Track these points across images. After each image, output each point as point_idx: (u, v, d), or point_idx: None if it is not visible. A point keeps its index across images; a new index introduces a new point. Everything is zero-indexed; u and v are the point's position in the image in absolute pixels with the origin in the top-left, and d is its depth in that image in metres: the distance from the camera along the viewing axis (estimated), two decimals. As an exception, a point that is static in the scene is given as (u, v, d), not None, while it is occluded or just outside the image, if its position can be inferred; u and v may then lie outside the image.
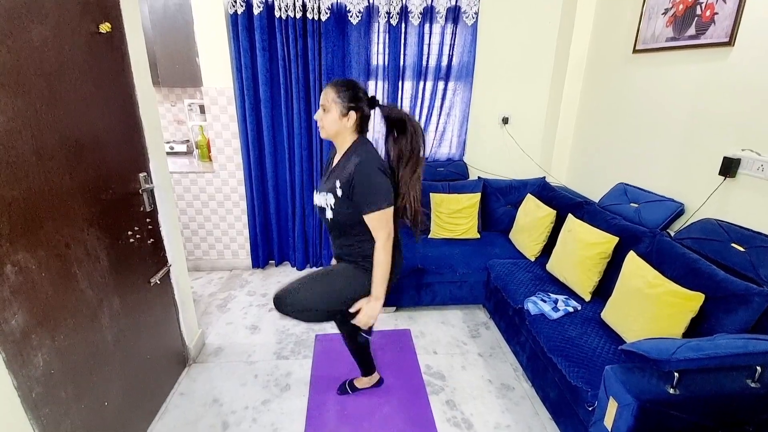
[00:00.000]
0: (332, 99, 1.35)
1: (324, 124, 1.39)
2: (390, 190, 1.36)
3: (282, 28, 2.50)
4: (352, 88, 1.37)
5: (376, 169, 1.33)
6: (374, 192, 1.32)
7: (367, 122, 1.43)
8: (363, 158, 1.34)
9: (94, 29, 1.30)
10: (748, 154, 1.63)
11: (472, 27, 2.65)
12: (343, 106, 1.35)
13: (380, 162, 1.38)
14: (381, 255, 1.38)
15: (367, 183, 1.32)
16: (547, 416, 1.75)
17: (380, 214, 1.33)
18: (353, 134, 1.42)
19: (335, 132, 1.40)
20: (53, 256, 1.13)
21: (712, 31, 1.77)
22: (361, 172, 1.32)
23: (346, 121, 1.37)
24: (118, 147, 1.43)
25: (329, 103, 1.36)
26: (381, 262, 1.39)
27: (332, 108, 1.36)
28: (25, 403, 1.05)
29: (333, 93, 1.35)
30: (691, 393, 1.15)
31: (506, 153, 3.03)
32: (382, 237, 1.36)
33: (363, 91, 1.39)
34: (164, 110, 3.13)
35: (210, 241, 3.01)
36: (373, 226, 1.36)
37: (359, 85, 1.39)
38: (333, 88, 1.36)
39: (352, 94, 1.36)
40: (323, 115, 1.38)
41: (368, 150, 1.39)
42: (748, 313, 1.35)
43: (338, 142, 1.44)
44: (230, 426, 1.69)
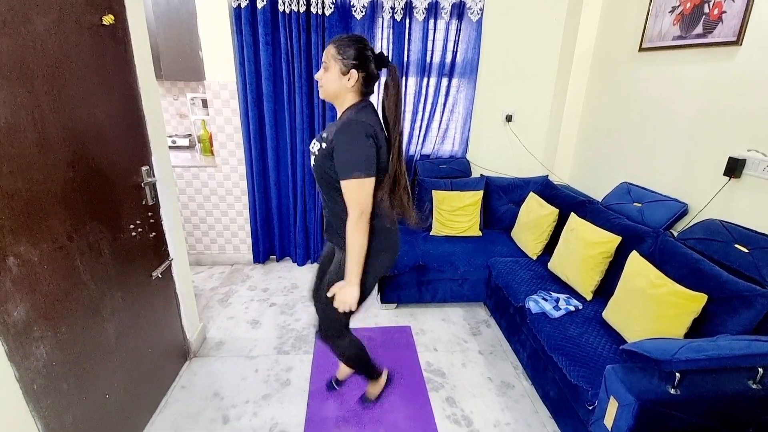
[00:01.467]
0: (332, 55, 1.22)
1: (323, 83, 1.27)
2: (372, 160, 1.19)
3: (285, 23, 2.48)
4: (355, 43, 1.22)
5: (362, 133, 1.18)
6: (352, 155, 1.18)
7: (372, 83, 1.29)
8: (353, 118, 1.21)
9: (98, 21, 1.29)
10: (754, 155, 1.61)
11: (477, 23, 2.63)
12: (343, 64, 1.22)
13: (372, 127, 1.21)
14: (352, 235, 1.23)
15: (346, 144, 1.18)
16: (546, 415, 1.75)
17: (355, 183, 1.18)
18: (355, 96, 1.28)
19: (335, 92, 1.26)
20: (55, 249, 1.13)
21: (719, 30, 1.75)
22: (344, 131, 1.18)
23: (346, 81, 1.23)
24: (120, 140, 1.43)
25: (329, 60, 1.23)
26: (351, 243, 1.24)
27: (332, 65, 1.23)
28: (27, 395, 1.05)
29: (334, 49, 1.22)
30: (693, 394, 1.15)
31: (509, 151, 3.02)
32: (353, 213, 1.21)
33: (369, 47, 1.25)
34: (167, 104, 3.13)
35: (212, 235, 3.01)
36: (346, 197, 1.22)
37: (365, 41, 1.24)
38: (334, 43, 1.23)
39: (355, 51, 1.21)
40: (323, 74, 1.26)
41: (366, 113, 1.25)
42: (750, 315, 1.34)
43: (338, 105, 1.31)
44: (230, 420, 1.70)
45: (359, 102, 1.29)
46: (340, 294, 1.31)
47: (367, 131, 1.19)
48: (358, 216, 1.22)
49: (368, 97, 1.32)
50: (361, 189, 1.20)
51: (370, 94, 1.32)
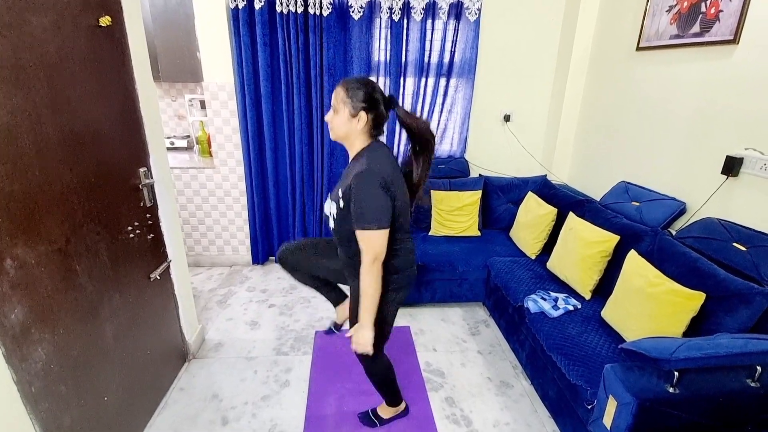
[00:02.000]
0: (341, 99, 1.25)
1: (333, 126, 1.30)
2: (385, 211, 1.21)
3: (283, 23, 2.48)
4: (364, 86, 1.25)
5: (375, 184, 1.19)
6: (365, 208, 1.20)
7: (382, 124, 1.31)
8: (366, 168, 1.21)
9: (95, 23, 1.29)
10: (752, 153, 1.62)
11: (475, 23, 2.63)
12: (352, 107, 1.25)
13: (385, 174, 1.22)
14: (365, 279, 1.24)
15: (360, 197, 1.20)
16: (546, 414, 1.75)
17: (369, 233, 1.21)
18: (364, 137, 1.30)
19: (345, 134, 1.29)
20: (53, 251, 1.12)
21: (716, 29, 1.76)
22: (358, 184, 1.20)
23: (356, 123, 1.26)
24: (118, 142, 1.43)
25: (338, 103, 1.26)
26: (365, 288, 1.25)
27: (341, 108, 1.26)
28: (25, 397, 1.05)
29: (342, 92, 1.25)
30: (691, 392, 1.15)
31: (508, 150, 3.02)
32: (366, 259, 1.23)
33: (378, 90, 1.27)
34: (165, 105, 3.12)
35: (210, 236, 3.01)
36: (361, 244, 1.24)
37: (373, 84, 1.27)
38: (343, 86, 1.26)
39: (364, 94, 1.24)
40: (333, 116, 1.29)
41: (377, 158, 1.26)
42: (748, 313, 1.34)
43: (348, 146, 1.34)
44: (230, 421, 1.70)
45: (370, 144, 1.31)
46: (356, 337, 1.32)
47: (380, 182, 1.20)
48: (371, 262, 1.23)
49: (379, 138, 1.35)
50: (375, 238, 1.22)
51: (380, 135, 1.34)
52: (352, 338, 1.34)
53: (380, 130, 1.33)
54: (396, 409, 1.71)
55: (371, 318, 1.28)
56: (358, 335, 1.31)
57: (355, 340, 1.32)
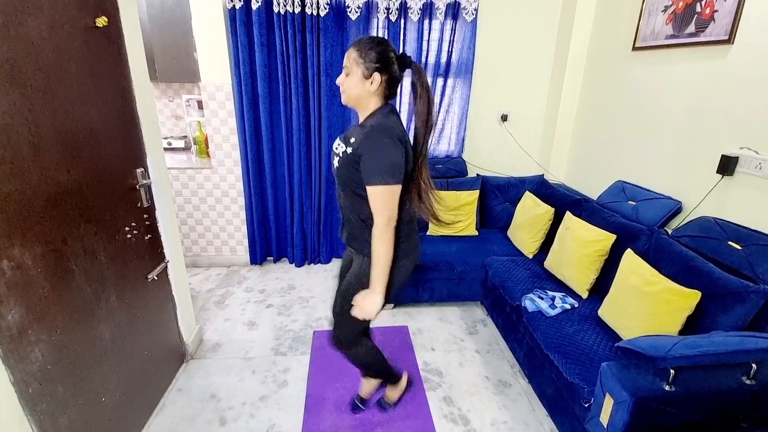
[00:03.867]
0: (354, 59, 1.19)
1: (345, 88, 1.24)
2: (401, 166, 1.17)
3: (280, 24, 2.48)
4: (377, 45, 1.19)
5: (391, 137, 1.15)
6: (380, 161, 1.14)
7: (395, 86, 1.26)
8: (380, 123, 1.18)
9: (91, 23, 1.29)
10: (747, 152, 1.63)
11: (472, 23, 2.64)
12: (365, 67, 1.19)
13: (400, 132, 1.19)
14: (379, 243, 1.19)
15: (374, 149, 1.15)
16: (543, 413, 1.76)
17: (382, 189, 1.15)
18: (377, 100, 1.24)
19: (357, 96, 1.23)
20: (50, 252, 1.12)
21: (711, 29, 1.77)
22: (372, 136, 1.15)
23: (369, 85, 1.20)
24: (115, 142, 1.43)
25: (351, 64, 1.20)
26: (378, 251, 1.20)
27: (354, 69, 1.20)
28: (22, 398, 1.05)
29: (355, 53, 1.19)
30: (687, 390, 1.16)
31: (505, 150, 3.03)
32: (381, 220, 1.17)
33: (392, 48, 1.21)
34: (162, 105, 3.12)
35: (208, 237, 3.00)
36: (373, 204, 1.18)
37: (387, 42, 1.21)
38: (355, 46, 1.20)
39: (377, 54, 1.18)
40: (344, 78, 1.23)
41: (393, 119, 1.22)
42: (744, 311, 1.35)
43: (360, 109, 1.28)
44: (228, 422, 1.70)
45: (383, 107, 1.26)
46: (364, 302, 1.26)
47: (397, 136, 1.17)
48: (385, 223, 1.18)
49: (391, 101, 1.30)
50: (389, 196, 1.17)
51: (393, 97, 1.29)
52: (357, 302, 1.27)
53: (394, 92, 1.27)
54: (399, 385, 1.71)
55: (384, 282, 1.23)
56: (367, 300, 1.25)
57: (363, 306, 1.25)
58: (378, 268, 1.23)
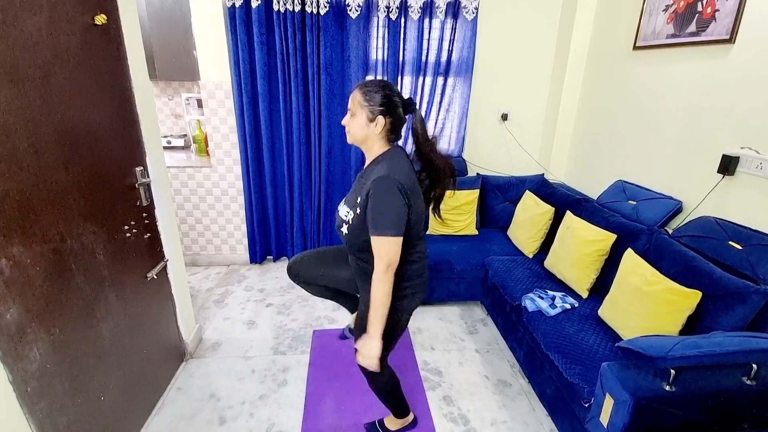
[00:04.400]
0: (359, 102, 1.23)
1: (350, 129, 1.28)
2: (403, 218, 1.19)
3: (280, 22, 2.47)
4: (382, 89, 1.22)
5: (394, 190, 1.17)
6: (382, 213, 1.17)
7: (399, 128, 1.29)
8: (385, 174, 1.18)
9: (90, 21, 1.28)
10: (747, 152, 1.62)
11: (472, 22, 2.63)
12: (370, 110, 1.22)
13: (404, 181, 1.19)
14: (377, 287, 1.21)
15: (378, 203, 1.17)
16: (543, 412, 1.76)
17: (385, 240, 1.18)
18: (382, 142, 1.28)
19: (362, 138, 1.27)
20: (49, 250, 1.12)
21: (712, 28, 1.76)
22: (376, 190, 1.17)
23: (374, 127, 1.23)
24: (114, 140, 1.42)
25: (355, 107, 1.24)
26: (376, 296, 1.21)
27: (358, 111, 1.23)
28: (21, 397, 1.04)
29: (360, 95, 1.23)
30: (687, 390, 1.16)
31: (505, 149, 3.02)
32: (380, 266, 1.20)
33: (396, 93, 1.25)
34: (161, 104, 3.11)
35: (207, 236, 3.00)
36: (375, 251, 1.21)
37: (391, 86, 1.25)
38: (360, 89, 1.24)
39: (381, 97, 1.21)
40: (350, 120, 1.27)
41: (396, 163, 1.23)
42: (744, 311, 1.35)
43: (365, 149, 1.31)
44: (227, 421, 1.69)
45: (389, 149, 1.28)
46: (364, 348, 1.26)
47: (398, 188, 1.17)
48: (384, 270, 1.20)
49: (396, 143, 1.32)
50: (390, 246, 1.18)
51: (398, 140, 1.32)
52: (358, 350, 1.28)
53: (398, 135, 1.30)
54: (404, 420, 1.65)
55: (380, 328, 1.23)
56: (365, 347, 1.25)
57: (362, 352, 1.26)
58: (375, 313, 1.23)
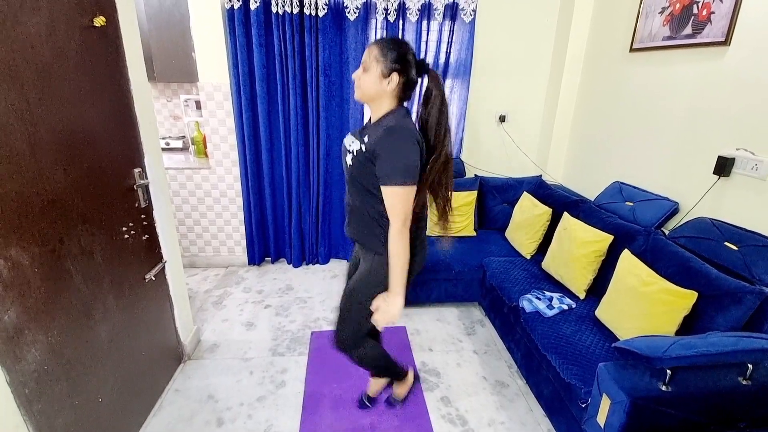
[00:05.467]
0: (375, 56, 1.19)
1: (361, 84, 1.23)
2: (417, 167, 1.18)
3: (279, 24, 2.48)
4: (399, 46, 1.20)
5: (411, 139, 1.16)
6: (398, 162, 1.15)
7: (411, 89, 1.26)
8: (398, 124, 1.18)
9: (89, 23, 1.28)
10: (743, 153, 1.64)
11: (470, 24, 2.64)
12: (385, 66, 1.19)
13: (416, 134, 1.20)
14: (396, 243, 1.19)
15: (392, 150, 1.15)
16: (541, 413, 1.76)
17: (400, 190, 1.15)
18: (392, 101, 1.25)
19: (373, 94, 1.23)
20: (47, 252, 1.12)
21: (708, 31, 1.78)
22: (389, 137, 1.15)
23: (386, 84, 1.20)
24: (112, 142, 1.42)
25: (370, 61, 1.20)
26: (397, 252, 1.20)
27: (373, 66, 1.20)
28: (19, 399, 1.04)
29: (377, 50, 1.19)
30: (684, 390, 1.16)
31: (503, 151, 3.04)
32: (397, 220, 1.18)
33: (412, 52, 1.22)
34: (160, 106, 3.11)
35: (206, 237, 3.00)
36: (389, 204, 1.19)
37: (408, 45, 1.22)
38: (377, 44, 1.20)
39: (398, 54, 1.19)
40: (362, 74, 1.23)
41: (406, 120, 1.23)
42: (740, 312, 1.36)
43: (373, 108, 1.28)
44: (225, 422, 1.69)
45: (398, 108, 1.26)
46: (386, 305, 1.25)
47: (415, 138, 1.18)
48: (402, 224, 1.19)
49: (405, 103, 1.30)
50: (405, 197, 1.17)
51: (407, 100, 1.30)
52: (379, 309, 1.27)
53: (408, 95, 1.27)
54: (406, 382, 1.71)
55: (403, 283, 1.24)
56: (389, 303, 1.24)
57: (385, 309, 1.25)
58: (397, 269, 1.23)
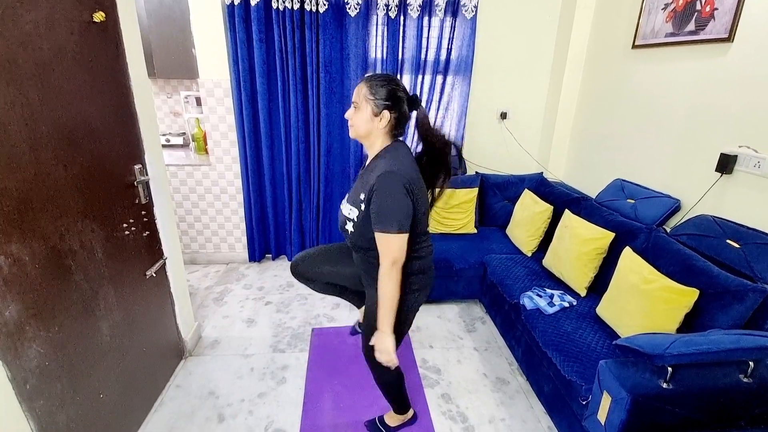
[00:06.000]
0: (364, 95, 1.22)
1: (354, 123, 1.26)
2: (408, 214, 1.19)
3: (279, 20, 2.47)
4: (388, 83, 1.22)
5: (399, 186, 1.16)
6: (387, 210, 1.17)
7: (404, 124, 1.29)
8: (389, 170, 1.18)
9: (88, 18, 1.28)
10: (745, 151, 1.63)
11: (472, 20, 2.63)
12: (375, 105, 1.21)
13: (408, 177, 1.19)
14: (384, 284, 1.21)
15: (382, 199, 1.17)
16: (541, 410, 1.76)
17: (392, 237, 1.17)
18: (386, 137, 1.27)
19: (365, 132, 1.26)
20: (47, 248, 1.12)
21: (711, 27, 1.77)
22: (380, 186, 1.17)
23: (378, 122, 1.22)
24: (112, 138, 1.42)
25: (360, 100, 1.23)
26: (384, 292, 1.22)
27: (363, 105, 1.22)
28: (20, 395, 1.05)
29: (366, 89, 1.22)
30: (684, 387, 1.16)
31: (504, 148, 3.03)
32: (385, 262, 1.20)
33: (402, 88, 1.24)
34: (160, 102, 3.11)
35: (206, 234, 3.00)
36: (380, 247, 1.21)
37: (397, 81, 1.24)
38: (366, 83, 1.23)
39: (387, 92, 1.21)
40: (354, 113, 1.26)
41: (399, 159, 1.23)
42: (741, 309, 1.36)
43: (368, 145, 1.30)
44: (226, 418, 1.70)
45: (391, 144, 1.27)
46: (377, 343, 1.29)
47: (403, 184, 1.17)
48: (390, 266, 1.20)
49: (400, 138, 1.32)
50: (395, 242, 1.18)
51: (401, 135, 1.31)
52: (375, 347, 1.29)
53: (402, 131, 1.30)
54: (404, 417, 1.66)
55: (390, 323, 1.25)
56: (378, 341, 1.27)
57: (379, 347, 1.28)
58: (385, 309, 1.24)
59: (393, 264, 1.20)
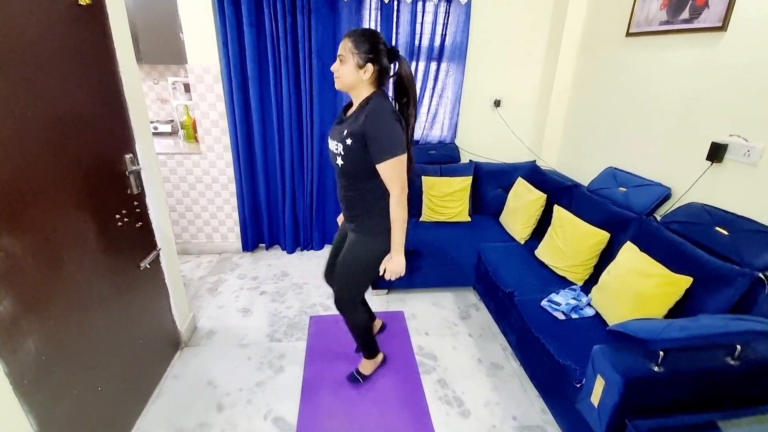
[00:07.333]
0: (349, 49, 1.32)
1: (340, 75, 1.36)
2: (403, 139, 1.35)
3: (270, 3, 2.40)
4: (370, 38, 1.32)
5: (391, 116, 1.31)
6: (389, 139, 1.30)
7: (386, 75, 1.39)
8: (378, 105, 1.32)
9: (74, 1, 1.22)
10: (736, 140, 1.66)
11: (466, 6, 2.60)
12: (359, 57, 1.31)
13: (395, 111, 1.36)
14: (397, 210, 1.38)
15: (381, 130, 1.30)
16: (535, 393, 1.81)
17: (395, 162, 1.31)
18: (370, 87, 1.38)
19: (351, 83, 1.36)
20: (40, 240, 1.09)
21: (705, 15, 1.77)
22: (374, 121, 1.29)
23: (362, 74, 1.33)
24: (102, 127, 1.38)
25: (346, 53, 1.32)
26: (397, 217, 1.40)
27: (348, 58, 1.32)
28: (18, 389, 1.03)
29: (350, 43, 1.31)
30: (675, 370, 1.20)
31: (498, 136, 3.03)
32: (396, 189, 1.36)
33: (383, 42, 1.35)
34: (147, 88, 3.02)
35: (198, 224, 2.96)
36: (387, 178, 1.35)
37: (379, 36, 1.34)
38: (351, 37, 1.32)
39: (370, 45, 1.31)
40: (339, 66, 1.35)
41: (384, 102, 1.36)
42: (730, 294, 1.40)
43: (354, 95, 1.42)
44: (225, 408, 1.71)
45: (376, 93, 1.38)
46: (390, 265, 1.48)
47: (391, 109, 1.34)
48: (400, 191, 1.36)
49: (383, 89, 1.41)
50: (399, 166, 1.33)
51: (383, 86, 1.41)
52: (387, 268, 1.48)
53: (383, 82, 1.40)
54: (375, 361, 1.88)
55: (402, 243, 1.46)
56: (393, 262, 1.47)
57: (390, 268, 1.47)
58: (398, 233, 1.43)
59: (402, 191, 1.37)
